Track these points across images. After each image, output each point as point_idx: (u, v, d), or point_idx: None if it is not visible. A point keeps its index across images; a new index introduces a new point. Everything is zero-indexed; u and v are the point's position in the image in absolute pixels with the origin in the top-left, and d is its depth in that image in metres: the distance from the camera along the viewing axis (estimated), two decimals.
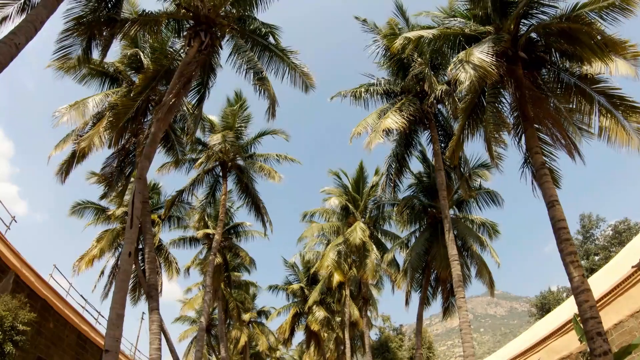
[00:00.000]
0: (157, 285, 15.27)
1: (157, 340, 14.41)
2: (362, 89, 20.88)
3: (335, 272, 25.21)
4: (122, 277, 9.99)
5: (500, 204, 21.67)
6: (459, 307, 15.63)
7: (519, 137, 14.90)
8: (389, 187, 20.50)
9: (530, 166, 14.78)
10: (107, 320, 9.66)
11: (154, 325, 14.56)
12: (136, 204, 10.99)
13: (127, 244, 10.46)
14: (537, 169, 12.56)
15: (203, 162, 21.78)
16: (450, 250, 16.64)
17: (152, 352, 14.27)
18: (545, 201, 12.06)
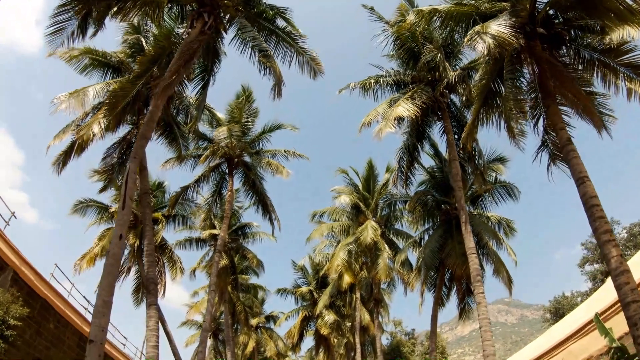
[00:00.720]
0: (156, 280, 14.25)
1: (154, 337, 13.38)
2: (371, 80, 20.00)
3: (346, 272, 23.98)
4: (111, 261, 8.97)
5: (517, 197, 20.47)
6: (478, 303, 14.38)
7: (536, 121, 14.19)
8: (400, 181, 19.38)
9: (547, 149, 14.02)
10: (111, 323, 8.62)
11: (152, 321, 13.54)
12: (129, 184, 10.03)
13: (119, 225, 9.46)
14: (563, 146, 11.62)
15: (209, 157, 20.79)
16: (468, 243, 15.45)
17: (149, 350, 13.25)
18: (574, 178, 11.04)
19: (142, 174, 16.08)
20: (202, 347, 17.45)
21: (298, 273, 34.81)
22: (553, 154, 13.80)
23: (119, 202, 9.94)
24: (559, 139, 11.91)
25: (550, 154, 13.84)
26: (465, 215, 16.15)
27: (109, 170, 17.92)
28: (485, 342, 13.67)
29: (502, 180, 20.62)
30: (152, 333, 13.39)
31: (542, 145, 14.05)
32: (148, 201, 15.46)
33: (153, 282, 14.03)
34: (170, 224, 24.84)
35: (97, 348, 7.96)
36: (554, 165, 13.95)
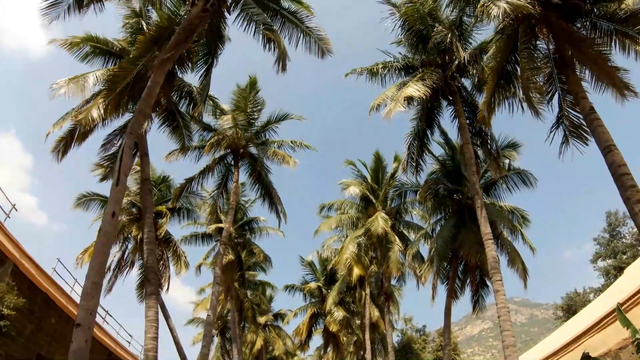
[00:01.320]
0: (155, 268, 13.48)
1: (153, 328, 12.60)
2: (378, 65, 19.15)
3: (355, 265, 23.06)
4: (103, 240, 8.19)
5: (532, 185, 19.46)
6: (496, 291, 13.43)
7: (550, 97, 13.56)
8: (410, 167, 18.49)
9: (563, 126, 13.28)
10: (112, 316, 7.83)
11: (151, 312, 12.76)
12: (124, 159, 9.26)
13: (111, 203, 8.69)
14: (586, 115, 10.94)
15: (213, 146, 19.97)
16: (484, 229, 14.52)
17: (147, 342, 12.47)
18: (600, 148, 10.26)
19: (143, 161, 15.37)
20: (206, 342, 16.63)
21: (306, 269, 33.96)
22: (569, 131, 13.10)
23: (113, 178, 9.18)
24: (580, 109, 11.23)
25: (566, 132, 13.13)
26: (480, 199, 15.24)
27: (109, 159, 17.22)
28: (504, 332, 12.73)
29: (516, 167, 19.64)
30: (151, 324, 12.62)
31: (556, 122, 13.39)
32: (149, 188, 14.72)
33: (153, 271, 13.26)
34: (175, 218, 24.10)
35: (84, 333, 7.18)
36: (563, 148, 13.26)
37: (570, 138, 12.76)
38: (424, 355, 36.51)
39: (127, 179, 9.34)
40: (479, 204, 15.10)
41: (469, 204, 20.14)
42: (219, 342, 38.86)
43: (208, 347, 16.63)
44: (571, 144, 12.76)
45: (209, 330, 16.92)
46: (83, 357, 7.03)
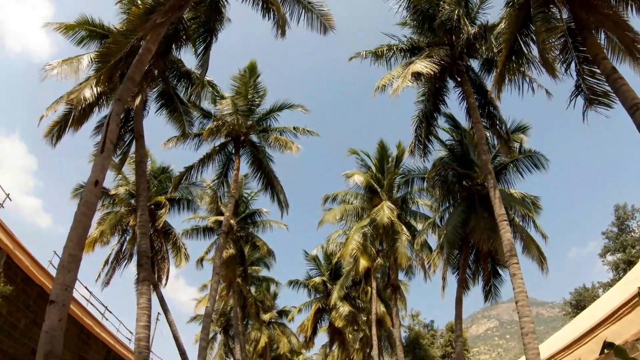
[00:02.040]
0: (148, 252, 12.56)
1: (145, 316, 11.68)
2: (383, 47, 18.23)
3: (361, 256, 22.06)
4: (83, 209, 7.29)
5: (544, 167, 18.39)
6: (512, 275, 12.41)
7: (567, 66, 12.83)
8: (418, 150, 17.51)
9: (582, 94, 12.54)
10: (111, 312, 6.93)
11: (143, 298, 11.85)
12: (111, 126, 8.40)
13: (95, 171, 7.81)
14: (608, 75, 10.26)
15: (213, 132, 19.07)
16: (498, 210, 13.54)
17: (138, 330, 11.57)
18: (626, 107, 9.62)
19: (139, 143, 14.51)
20: (204, 335, 15.70)
21: (310, 264, 32.90)
22: (589, 98, 12.34)
23: (99, 145, 8.31)
24: (602, 70, 10.47)
25: (586, 99, 12.38)
26: (492, 179, 14.26)
27: None
28: (523, 318, 11.72)
29: (527, 150, 18.62)
30: (142, 312, 11.71)
31: (575, 90, 12.65)
32: (143, 170, 13.84)
33: (145, 256, 12.35)
34: (175, 210, 23.17)
35: (59, 310, 6.26)
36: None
37: (592, 105, 11.93)
38: (433, 351, 35.39)
39: (112, 147, 8.45)
40: (491, 183, 14.12)
41: (479, 190, 19.18)
42: (221, 340, 37.84)
43: (207, 340, 15.68)
44: (595, 109, 11.91)
45: (207, 322, 15.99)
46: (56, 338, 6.12)
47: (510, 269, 12.47)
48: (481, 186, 19.29)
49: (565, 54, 12.65)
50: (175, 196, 22.75)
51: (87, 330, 21.89)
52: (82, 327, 21.52)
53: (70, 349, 20.39)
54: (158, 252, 21.31)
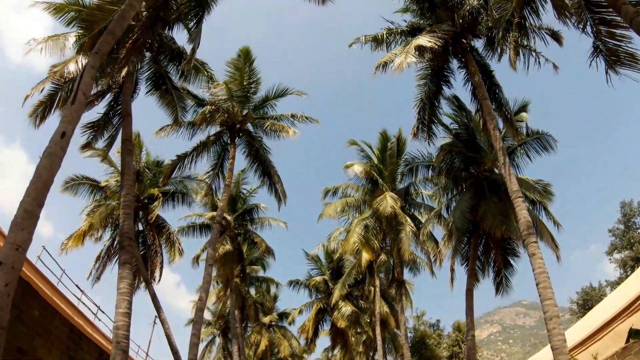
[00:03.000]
0: (131, 234, 11.42)
1: (125, 302, 10.52)
2: (383, 32, 17.31)
3: (364, 249, 20.83)
4: (46, 162, 6.22)
5: (553, 149, 17.28)
6: (531, 255, 11.23)
7: (583, 27, 11.90)
8: (422, 133, 16.44)
9: (602, 55, 11.69)
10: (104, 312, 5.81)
11: (123, 283, 10.70)
12: (85, 78, 7.35)
13: (63, 122, 6.75)
14: (631, 20, 9.15)
15: (206, 118, 17.97)
16: (512, 186, 12.44)
17: (117, 318, 10.41)
18: None
19: (125, 121, 13.46)
20: (196, 329, 14.48)
21: (311, 264, 31.51)
22: (609, 59, 11.46)
23: (70, 96, 7.26)
24: (623, 16, 9.36)
25: (606, 60, 11.54)
26: (504, 156, 13.15)
27: (94, 127, 15.37)
28: (545, 301, 10.52)
29: (534, 131, 17.52)
30: (123, 297, 10.55)
31: (594, 52, 11.78)
32: (129, 148, 12.75)
33: (128, 237, 11.21)
34: (169, 204, 22.03)
35: (6, 273, 5.13)
36: None
37: (613, 66, 10.96)
38: (439, 352, 33.92)
39: (85, 100, 7.38)
40: (502, 159, 13.02)
41: (487, 176, 18.11)
42: (220, 343, 36.42)
43: (198, 335, 14.47)
44: (617, 70, 10.92)
45: (199, 317, 14.79)
46: (2, 304, 5.00)
47: (529, 248, 11.30)
48: (489, 172, 18.23)
49: (579, 15, 11.71)
50: (169, 189, 21.65)
51: (77, 331, 20.64)
52: (73, 327, 20.27)
53: (58, 348, 19.16)
54: (150, 247, 20.15)
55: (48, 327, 18.71)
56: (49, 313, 18.77)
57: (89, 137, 15.32)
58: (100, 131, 15.43)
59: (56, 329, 19.22)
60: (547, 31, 14.76)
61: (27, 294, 17.17)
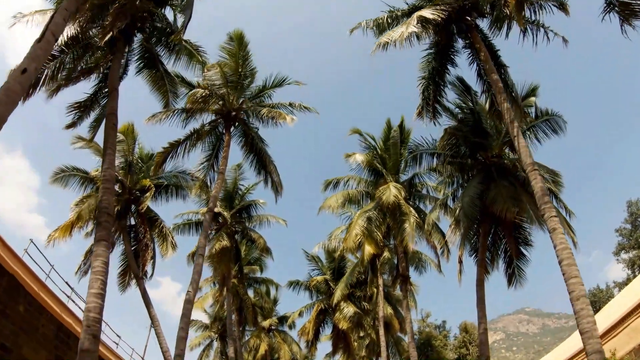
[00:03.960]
0: (110, 210, 10.40)
1: (99, 282, 9.45)
2: (385, 16, 16.51)
3: (367, 242, 19.68)
4: (1, 96, 5.25)
5: (563, 130, 16.29)
6: (552, 230, 10.16)
7: None
8: (427, 113, 15.49)
9: (614, 10, 11.19)
10: None
11: (98, 261, 9.64)
12: (56, 18, 6.54)
13: (27, 59, 5.90)
14: None
15: (199, 101, 17.02)
16: (526, 159, 11.45)
17: (90, 300, 9.34)
18: None
19: (111, 96, 12.55)
20: (184, 323, 13.36)
21: (311, 264, 30.16)
22: (624, 14, 10.95)
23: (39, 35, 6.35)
24: None
25: (620, 14, 11.09)
26: (516, 128, 12.15)
27: (81, 107, 14.48)
28: (571, 280, 9.39)
29: (543, 112, 16.52)
30: (96, 277, 9.47)
31: (606, 7, 11.29)
32: (114, 123, 11.82)
33: (106, 213, 10.17)
34: (162, 198, 21.01)
35: None
36: None
37: (628, 20, 10.22)
38: (446, 353, 32.46)
39: (54, 40, 6.47)
40: (515, 132, 12.03)
41: (496, 162, 17.07)
42: (218, 347, 34.99)
43: (186, 329, 13.35)
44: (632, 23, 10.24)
45: (187, 309, 13.64)
46: None
47: (549, 223, 10.24)
48: (497, 157, 17.22)
49: None
50: (162, 182, 20.68)
51: (66, 329, 19.45)
52: (61, 325, 19.10)
53: (45, 347, 18.00)
54: (141, 241, 19.10)
55: (34, 324, 17.61)
56: (35, 309, 17.66)
57: (75, 117, 14.38)
58: (87, 112, 14.52)
59: (43, 326, 18.10)
60: (553, 2, 13.99)
61: (11, 288, 16.13)
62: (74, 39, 13.40)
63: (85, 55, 14.08)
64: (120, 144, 19.94)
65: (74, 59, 13.99)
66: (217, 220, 24.94)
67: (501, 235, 17.47)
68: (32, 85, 13.71)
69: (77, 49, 13.95)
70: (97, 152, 19.93)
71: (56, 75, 13.96)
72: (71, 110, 14.45)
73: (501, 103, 12.76)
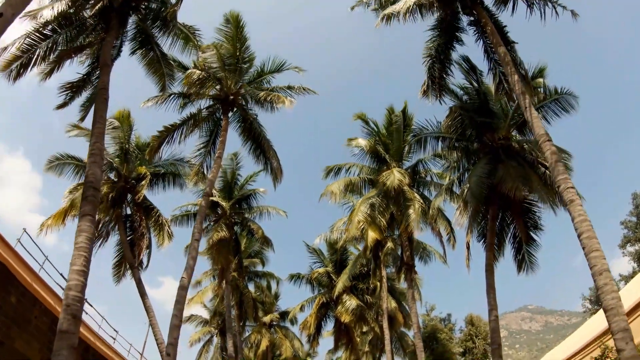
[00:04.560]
0: (97, 184, 9.73)
1: (81, 259, 8.79)
2: None
3: (370, 228, 18.95)
4: None
5: (574, 108, 15.57)
6: (570, 202, 9.47)
7: None
8: (432, 91, 14.82)
9: None
10: None
11: (82, 237, 8.98)
12: None
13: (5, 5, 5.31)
14: None
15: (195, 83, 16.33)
16: (538, 130, 10.75)
17: (72, 277, 8.66)
18: None
19: (103, 71, 11.92)
20: (177, 310, 12.69)
21: (313, 257, 29.50)
22: None
23: None
24: None
25: None
26: (528, 98, 11.47)
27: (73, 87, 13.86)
28: (592, 254, 8.71)
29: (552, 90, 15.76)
30: (79, 253, 8.79)
31: None
32: (105, 97, 11.19)
33: (92, 187, 9.48)
34: (159, 186, 20.34)
35: None
36: None
37: None
38: (452, 347, 31.69)
39: None
40: (527, 102, 11.34)
41: (503, 144, 16.36)
42: (218, 343, 34.22)
43: (180, 317, 12.69)
44: None
45: (182, 296, 12.96)
46: None
47: (565, 194, 9.54)
48: (505, 139, 16.52)
49: None
50: (159, 170, 20.02)
51: None
52: (55, 318, 18.38)
53: (38, 340, 17.34)
54: (137, 229, 18.42)
55: (27, 316, 16.95)
56: (28, 301, 17.00)
57: (66, 98, 13.76)
58: (79, 92, 13.91)
59: (36, 318, 17.42)
60: None
61: (3, 278, 15.48)
62: (67, 18, 12.83)
63: (79, 37, 13.51)
64: (116, 130, 19.35)
65: (67, 40, 13.42)
66: (216, 212, 24.28)
67: (509, 221, 16.80)
68: (22, 65, 13.20)
69: (70, 30, 13.39)
70: (84, 132, 19.28)
71: (48, 56, 13.40)
72: (63, 91, 13.87)
73: (510, 75, 12.08)
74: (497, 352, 14.20)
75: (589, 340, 18.29)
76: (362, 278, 28.13)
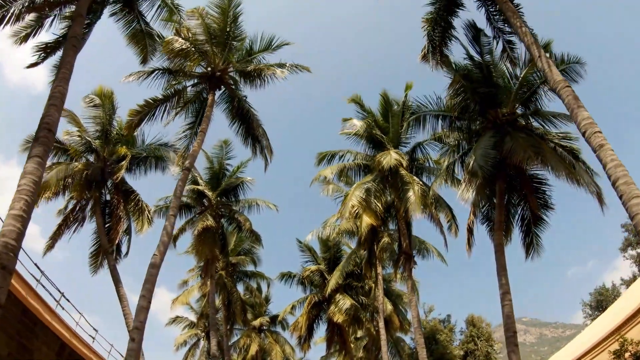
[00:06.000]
0: (52, 126, 8.28)
1: (22, 202, 7.33)
2: None
3: (365, 213, 17.46)
4: None
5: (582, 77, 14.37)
6: (599, 147, 8.03)
7: None
8: (433, 57, 13.59)
9: None
10: None
11: (26, 179, 7.52)
12: None
13: None
14: None
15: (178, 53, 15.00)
16: (555, 77, 9.55)
17: (6, 222, 7.21)
18: None
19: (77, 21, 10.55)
20: (146, 290, 11.10)
21: (305, 255, 27.70)
22: None
23: None
24: None
25: None
26: (537, 49, 10.19)
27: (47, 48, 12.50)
28: (632, 201, 7.30)
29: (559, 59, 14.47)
30: (20, 196, 7.30)
31: None
32: (74, 45, 9.81)
33: (46, 129, 8.05)
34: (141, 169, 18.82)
35: None
36: None
37: None
38: (452, 349, 29.92)
39: None
40: (536, 52, 10.07)
41: (510, 119, 15.08)
42: (204, 346, 32.12)
43: (149, 298, 11.10)
44: None
45: (152, 274, 11.36)
46: None
47: (593, 139, 8.17)
48: (510, 115, 15.26)
49: None
50: (140, 153, 18.53)
51: (32, 315, 16.89)
52: (26, 309, 16.59)
53: (5, 331, 15.52)
54: (114, 213, 16.83)
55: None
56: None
57: (39, 58, 12.43)
58: (53, 52, 12.58)
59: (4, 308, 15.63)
60: None
61: None
62: None
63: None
64: (97, 109, 17.91)
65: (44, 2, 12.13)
66: (202, 202, 22.70)
67: (515, 202, 15.46)
68: None
69: None
70: (73, 120, 17.84)
71: (23, 15, 12.08)
72: (36, 52, 12.54)
73: (518, 27, 10.84)
74: (512, 340, 12.74)
75: (605, 335, 16.86)
76: (356, 277, 26.53)
